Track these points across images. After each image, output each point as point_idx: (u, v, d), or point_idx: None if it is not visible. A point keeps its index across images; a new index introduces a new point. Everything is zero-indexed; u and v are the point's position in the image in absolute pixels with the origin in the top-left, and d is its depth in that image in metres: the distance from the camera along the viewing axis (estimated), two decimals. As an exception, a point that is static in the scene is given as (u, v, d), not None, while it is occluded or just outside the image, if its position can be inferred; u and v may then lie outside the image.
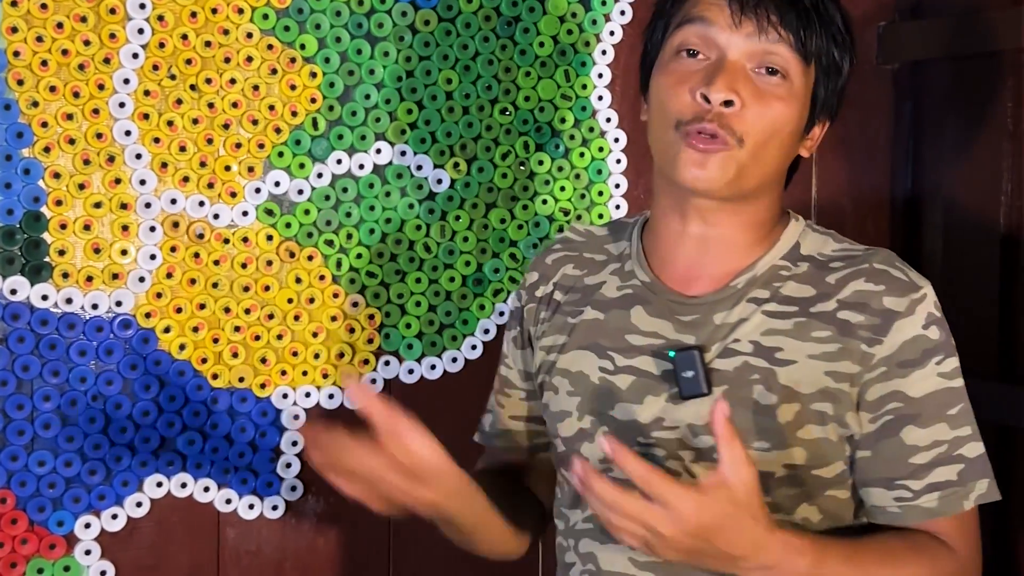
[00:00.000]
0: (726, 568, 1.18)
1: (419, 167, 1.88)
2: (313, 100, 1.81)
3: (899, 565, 1.25)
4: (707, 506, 1.12)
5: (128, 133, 1.71)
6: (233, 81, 1.76)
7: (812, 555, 1.19)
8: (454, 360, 1.93)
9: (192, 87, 1.74)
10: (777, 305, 1.31)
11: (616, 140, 1.98)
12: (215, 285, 1.78)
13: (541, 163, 1.94)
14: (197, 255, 1.77)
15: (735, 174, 1.27)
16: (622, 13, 1.96)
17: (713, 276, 1.34)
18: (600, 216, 1.97)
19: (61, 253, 1.69)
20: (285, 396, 1.83)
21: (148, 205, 1.73)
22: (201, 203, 1.76)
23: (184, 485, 1.78)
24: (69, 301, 1.70)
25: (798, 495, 1.29)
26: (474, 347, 1.94)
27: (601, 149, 1.97)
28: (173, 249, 1.75)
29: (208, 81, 1.75)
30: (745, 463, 1.13)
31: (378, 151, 1.86)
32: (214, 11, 1.74)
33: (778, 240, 1.35)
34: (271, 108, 1.78)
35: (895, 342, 1.26)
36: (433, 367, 1.92)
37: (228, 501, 1.81)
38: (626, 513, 1.12)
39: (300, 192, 1.81)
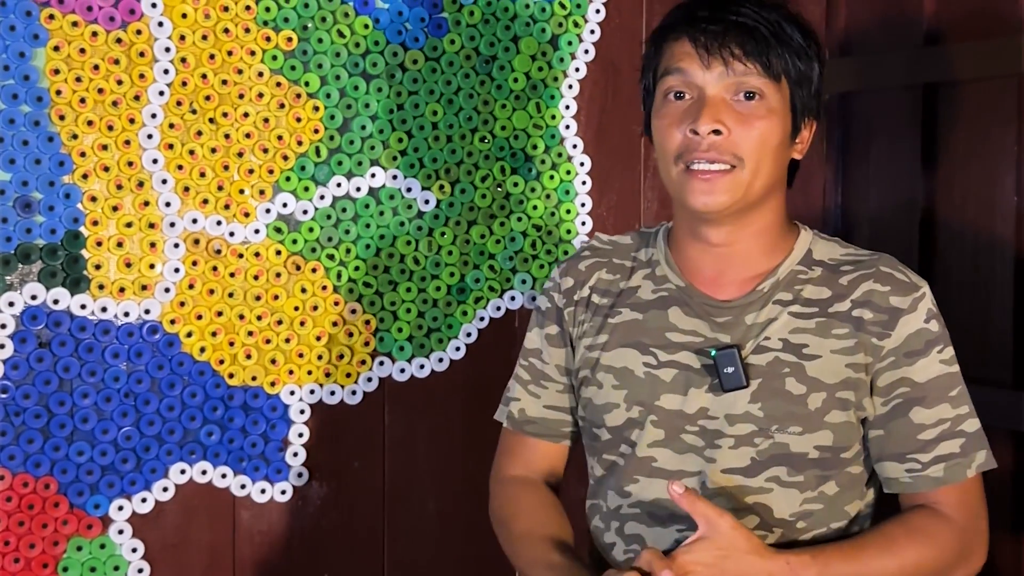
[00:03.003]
0: None
1: (409, 189, 2.09)
2: (316, 131, 2.02)
3: (898, 550, 1.38)
4: (700, 558, 1.31)
5: (155, 161, 1.92)
6: (246, 115, 1.97)
7: (817, 565, 1.35)
8: (440, 360, 2.14)
9: (211, 120, 1.95)
10: (800, 307, 1.44)
11: (582, 164, 2.20)
12: (231, 295, 1.98)
13: (516, 185, 2.16)
14: (215, 268, 1.97)
15: (742, 193, 1.40)
16: (586, 52, 2.19)
17: (738, 281, 1.47)
18: (568, 231, 2.20)
19: (97, 267, 1.89)
20: (292, 393, 2.04)
21: (172, 224, 1.94)
22: (219, 222, 1.97)
23: (204, 472, 1.98)
24: (104, 310, 1.90)
25: (825, 475, 1.43)
26: (458, 349, 2.15)
27: (568, 172, 2.19)
28: (194, 263, 1.95)
29: (224, 115, 1.96)
30: (716, 516, 1.32)
31: (373, 175, 2.06)
32: (230, 53, 1.95)
33: (793, 248, 1.48)
34: (279, 138, 1.99)
35: (901, 335, 1.41)
36: (422, 367, 2.13)
37: (243, 486, 2.01)
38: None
39: (305, 212, 2.02)
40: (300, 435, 2.05)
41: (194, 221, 1.95)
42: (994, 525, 1.47)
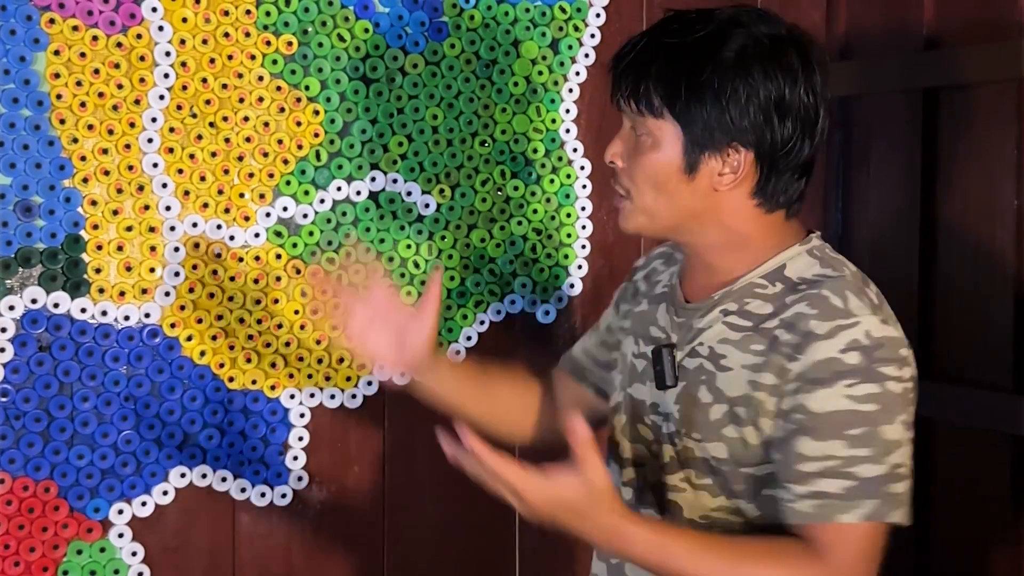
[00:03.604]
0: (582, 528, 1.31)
1: (409, 193, 2.10)
2: (316, 135, 2.03)
3: (743, 563, 1.32)
4: (549, 490, 1.27)
5: (156, 165, 1.93)
6: (246, 119, 1.98)
7: (650, 542, 1.30)
8: (440, 364, 2.15)
9: (211, 124, 1.96)
10: (738, 318, 1.42)
11: (582, 168, 2.21)
12: (231, 298, 1.99)
13: (516, 189, 2.17)
14: (215, 272, 1.98)
15: (640, 221, 1.45)
16: (586, 56, 2.19)
17: (708, 286, 1.47)
18: (568, 235, 2.20)
19: (97, 271, 1.90)
20: (292, 396, 2.04)
21: (173, 228, 1.94)
22: (219, 226, 1.97)
23: (204, 476, 1.99)
24: (104, 313, 1.91)
25: (735, 491, 1.40)
26: (458, 352, 2.15)
27: (569, 176, 2.20)
28: (195, 267, 1.96)
29: (225, 119, 1.96)
30: (597, 468, 1.27)
31: (373, 179, 2.07)
32: (230, 57, 1.96)
33: (766, 261, 1.43)
34: (280, 142, 2.00)
35: (808, 361, 1.33)
36: (422, 370, 2.13)
37: (243, 490, 2.02)
38: (492, 475, 1.29)
39: (305, 216, 2.03)
40: (300, 439, 2.05)
41: (194, 225, 1.96)
42: (993, 529, 1.46)
